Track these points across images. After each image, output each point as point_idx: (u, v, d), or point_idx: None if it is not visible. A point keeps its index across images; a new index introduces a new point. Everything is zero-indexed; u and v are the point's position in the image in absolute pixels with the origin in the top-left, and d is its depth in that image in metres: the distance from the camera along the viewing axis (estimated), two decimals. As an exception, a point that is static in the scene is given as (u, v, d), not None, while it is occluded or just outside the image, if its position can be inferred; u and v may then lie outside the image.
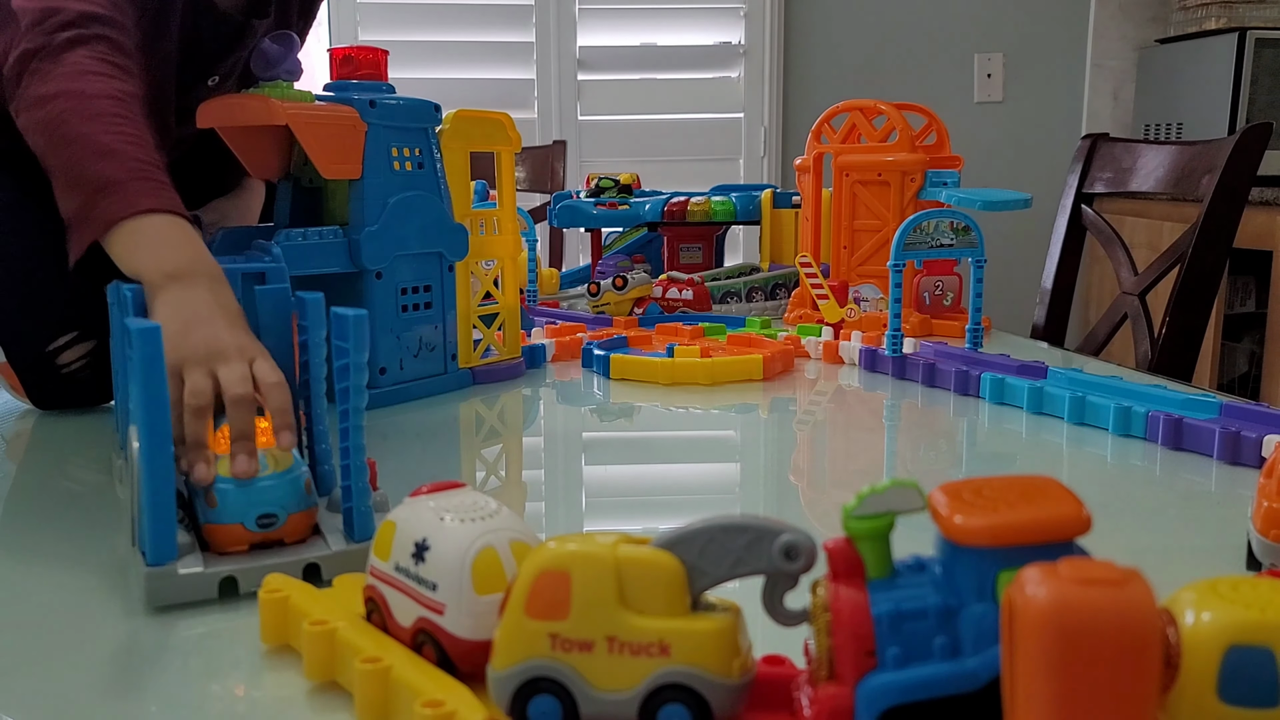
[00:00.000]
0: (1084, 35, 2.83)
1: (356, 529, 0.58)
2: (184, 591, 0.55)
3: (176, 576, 0.54)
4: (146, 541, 0.54)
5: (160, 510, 0.54)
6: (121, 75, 0.83)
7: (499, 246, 1.09)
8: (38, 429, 0.95)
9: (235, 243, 0.90)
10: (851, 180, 1.33)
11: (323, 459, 0.65)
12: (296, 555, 0.57)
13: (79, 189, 0.76)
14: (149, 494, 0.54)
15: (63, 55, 0.82)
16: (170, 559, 0.55)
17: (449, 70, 2.60)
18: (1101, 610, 0.28)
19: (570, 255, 2.51)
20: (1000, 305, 1.86)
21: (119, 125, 0.78)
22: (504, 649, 0.39)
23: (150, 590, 0.54)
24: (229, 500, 0.57)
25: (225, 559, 0.57)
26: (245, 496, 0.57)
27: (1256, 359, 2.41)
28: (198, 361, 0.64)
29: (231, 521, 0.57)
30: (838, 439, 0.95)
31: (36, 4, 0.84)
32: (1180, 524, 0.70)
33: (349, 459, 0.57)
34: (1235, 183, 1.32)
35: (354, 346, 0.56)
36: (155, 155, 0.79)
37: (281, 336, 0.70)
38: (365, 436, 0.57)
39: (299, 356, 0.68)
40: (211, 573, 0.55)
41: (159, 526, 0.54)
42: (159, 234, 0.74)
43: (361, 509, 0.58)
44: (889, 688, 0.34)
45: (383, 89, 0.98)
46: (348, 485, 0.58)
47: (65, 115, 0.78)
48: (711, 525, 0.38)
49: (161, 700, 0.47)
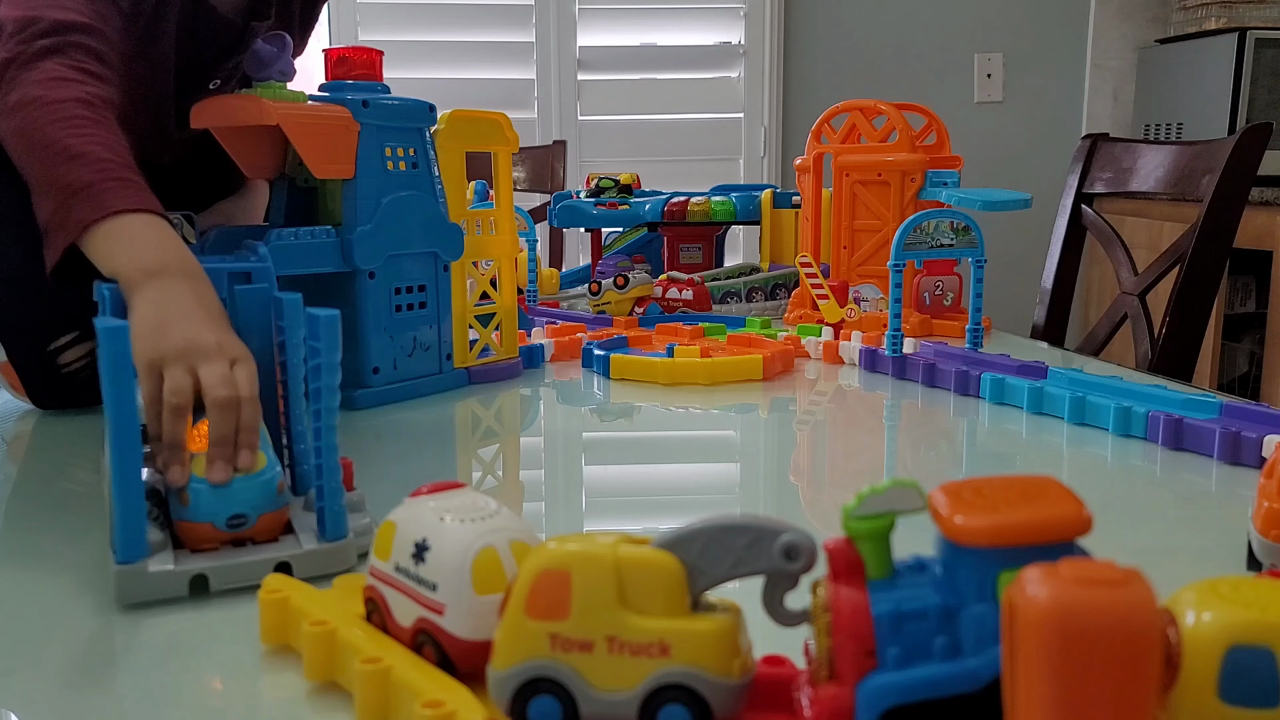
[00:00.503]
0: (1084, 35, 2.83)
1: (328, 528, 0.58)
2: (154, 589, 0.55)
3: (146, 574, 0.55)
4: (116, 539, 0.55)
5: (129, 508, 0.54)
6: (93, 80, 0.83)
7: (496, 246, 1.09)
8: (38, 429, 0.95)
9: (228, 242, 0.90)
10: (851, 180, 1.33)
11: (302, 459, 0.66)
12: (268, 553, 0.57)
13: (51, 195, 0.76)
14: (118, 492, 0.54)
15: (37, 63, 0.81)
16: (140, 557, 0.55)
17: (449, 70, 2.60)
18: (1102, 610, 0.28)
19: (570, 255, 2.51)
20: (1000, 305, 1.85)
21: (86, 128, 0.78)
22: (504, 649, 0.39)
23: (120, 588, 0.54)
24: (201, 499, 0.58)
25: (197, 556, 0.57)
26: (217, 496, 0.58)
27: (1256, 359, 2.41)
28: (177, 358, 0.63)
29: (203, 520, 0.58)
30: (838, 439, 0.95)
31: (17, 13, 0.85)
32: (1180, 524, 0.70)
33: (322, 459, 0.57)
34: (1235, 183, 1.32)
35: (326, 347, 0.56)
36: (126, 156, 0.78)
37: (263, 336, 0.70)
38: (341, 436, 0.58)
39: (278, 356, 0.68)
40: (181, 570, 0.55)
41: (128, 524, 0.54)
42: (135, 233, 0.73)
43: (334, 508, 0.58)
44: (889, 688, 0.34)
45: (377, 89, 0.98)
46: (320, 485, 0.58)
47: (35, 122, 0.78)
48: (711, 525, 0.38)
49: (136, 696, 0.47)
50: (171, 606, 0.55)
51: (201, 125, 0.93)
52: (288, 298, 0.62)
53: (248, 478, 0.59)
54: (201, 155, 1.10)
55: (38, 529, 0.70)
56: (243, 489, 0.58)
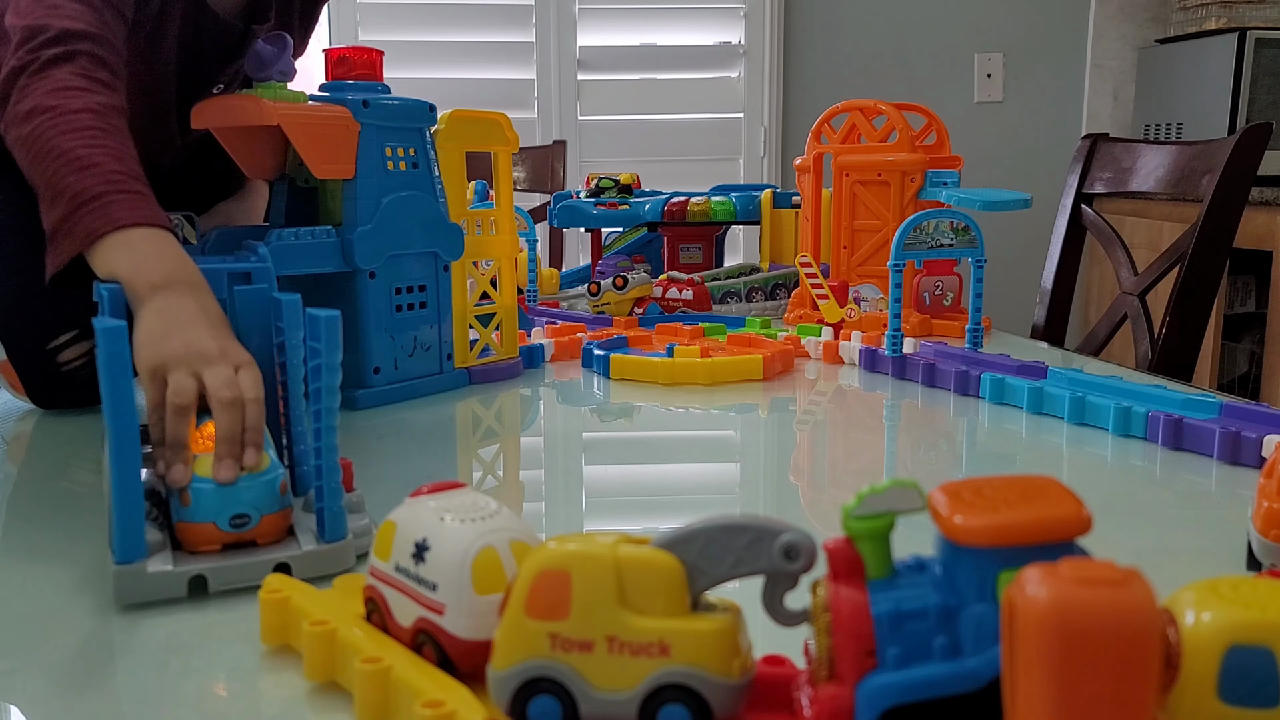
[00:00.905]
0: (1084, 35, 2.83)
1: (328, 529, 0.58)
2: (153, 589, 0.55)
3: (145, 574, 0.55)
4: (114, 540, 0.54)
5: (128, 509, 0.54)
6: (102, 89, 0.84)
7: (496, 246, 1.09)
8: (38, 429, 0.95)
9: (228, 243, 0.91)
10: (851, 180, 1.33)
11: (302, 459, 0.65)
12: (267, 555, 0.57)
13: (60, 203, 0.77)
14: (117, 492, 0.54)
15: (46, 72, 0.82)
16: (139, 557, 0.55)
17: (449, 70, 2.60)
18: (1101, 610, 0.28)
19: (570, 255, 2.51)
20: (1000, 305, 1.86)
21: (97, 138, 0.79)
22: (504, 649, 0.39)
23: (119, 588, 0.54)
24: (203, 499, 0.58)
25: (196, 558, 0.57)
26: (219, 496, 0.58)
27: (1256, 359, 2.41)
28: (180, 362, 0.64)
29: (204, 520, 0.57)
30: (838, 439, 0.95)
31: (25, 21, 0.85)
32: (1180, 524, 0.70)
33: (321, 459, 0.57)
34: (1235, 183, 1.32)
35: (326, 347, 0.56)
36: (134, 167, 0.80)
37: (262, 336, 0.70)
38: (341, 435, 0.58)
39: (277, 357, 0.68)
40: (180, 571, 0.55)
41: (126, 525, 0.54)
42: (141, 247, 0.75)
43: (333, 509, 0.58)
44: (889, 688, 0.34)
45: (377, 89, 0.98)
46: (320, 485, 0.58)
47: (45, 130, 0.79)
48: (711, 525, 0.38)
49: (135, 696, 0.47)
50: (171, 607, 0.55)
51: (202, 126, 0.93)
52: (286, 298, 0.62)
53: (251, 477, 0.59)
54: (202, 156, 1.10)
55: (37, 528, 0.70)
56: (246, 488, 0.58)
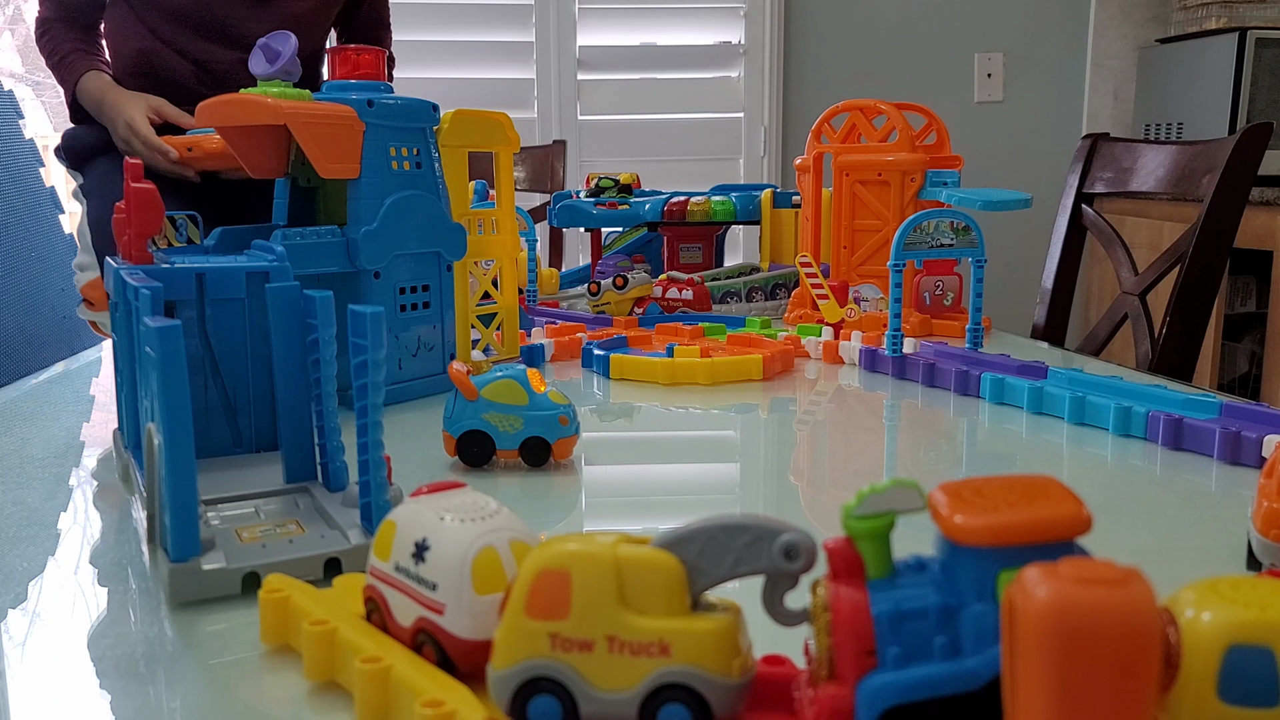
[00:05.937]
0: (1084, 35, 2.83)
1: (375, 523, 0.58)
2: (207, 587, 0.55)
3: (200, 572, 0.55)
4: (170, 538, 0.55)
5: (182, 506, 0.54)
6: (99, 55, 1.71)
7: (497, 246, 1.09)
8: (44, 429, 0.95)
9: (233, 242, 0.91)
10: (851, 180, 1.33)
11: (333, 455, 0.65)
12: (316, 550, 0.57)
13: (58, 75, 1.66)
14: (171, 491, 0.54)
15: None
16: (194, 554, 0.55)
17: (449, 70, 2.60)
18: (1101, 610, 0.28)
19: (570, 255, 2.51)
20: (1000, 305, 1.86)
21: (79, 64, 1.67)
22: (504, 649, 0.39)
23: (174, 586, 0.55)
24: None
25: (247, 554, 0.57)
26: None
27: (1256, 359, 2.41)
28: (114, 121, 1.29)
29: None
30: (838, 439, 0.95)
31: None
32: (1180, 524, 0.70)
33: (367, 454, 0.57)
34: (1235, 183, 1.33)
35: (372, 344, 0.56)
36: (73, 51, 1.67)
37: (292, 335, 0.70)
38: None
39: (309, 355, 0.68)
40: (235, 568, 0.55)
41: (181, 523, 0.54)
42: (91, 84, 1.62)
43: (380, 503, 0.58)
44: (889, 687, 0.34)
45: (381, 89, 0.98)
46: (366, 480, 0.58)
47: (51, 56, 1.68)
48: (711, 525, 0.38)
49: (134, 695, 0.47)
50: (170, 606, 0.55)
51: (207, 124, 0.93)
52: (319, 295, 0.62)
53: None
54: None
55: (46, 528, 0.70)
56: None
